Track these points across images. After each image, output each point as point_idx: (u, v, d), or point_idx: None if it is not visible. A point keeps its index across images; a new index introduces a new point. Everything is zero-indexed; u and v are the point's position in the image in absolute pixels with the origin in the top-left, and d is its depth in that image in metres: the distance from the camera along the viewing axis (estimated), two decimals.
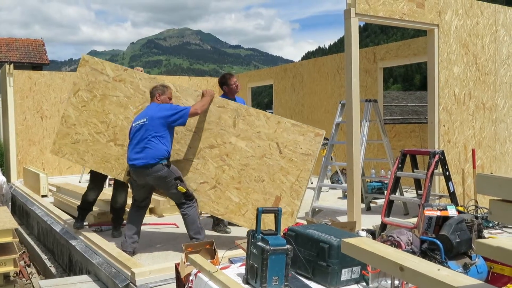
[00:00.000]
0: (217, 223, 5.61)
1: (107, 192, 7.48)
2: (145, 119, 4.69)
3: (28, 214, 8.19)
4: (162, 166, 4.60)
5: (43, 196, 8.42)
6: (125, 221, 5.33)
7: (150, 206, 6.65)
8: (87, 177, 10.28)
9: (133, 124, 4.79)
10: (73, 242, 5.32)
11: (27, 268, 6.56)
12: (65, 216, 6.38)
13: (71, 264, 5.49)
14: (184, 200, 4.73)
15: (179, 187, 4.66)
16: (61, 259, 5.99)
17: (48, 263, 6.21)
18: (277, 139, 4.86)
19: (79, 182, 9.98)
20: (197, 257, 3.40)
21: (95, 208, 6.22)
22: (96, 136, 5.20)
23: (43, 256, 6.52)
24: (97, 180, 5.53)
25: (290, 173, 4.80)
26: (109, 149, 5.17)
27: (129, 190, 5.31)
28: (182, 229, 5.73)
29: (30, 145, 11.33)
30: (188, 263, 3.49)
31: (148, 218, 6.46)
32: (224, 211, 4.91)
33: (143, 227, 5.91)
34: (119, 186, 5.53)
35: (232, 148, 4.92)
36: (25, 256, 7.04)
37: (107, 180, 9.01)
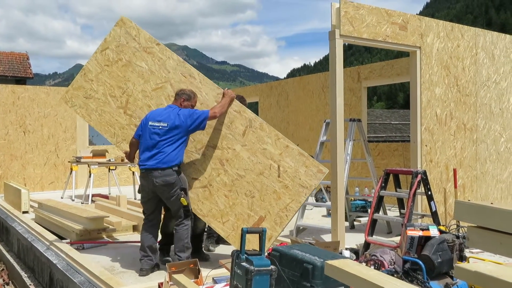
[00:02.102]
0: (207, 237, 5.55)
1: (89, 208, 7.40)
2: (166, 125, 4.62)
3: (8, 230, 8.04)
4: (172, 171, 4.57)
5: (24, 212, 8.28)
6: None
7: (134, 223, 6.62)
8: (69, 193, 10.24)
9: (151, 123, 4.69)
10: (54, 260, 5.24)
11: (5, 286, 6.43)
12: (47, 233, 6.28)
13: (51, 283, 5.39)
14: (181, 215, 4.67)
15: (182, 199, 4.61)
16: (41, 277, 5.88)
17: (28, 281, 6.09)
18: (279, 161, 4.82)
19: (61, 198, 9.86)
20: (181, 277, 3.38)
21: (77, 226, 6.15)
22: (109, 98, 5.22)
23: (22, 274, 6.39)
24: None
25: (281, 199, 4.74)
26: (117, 115, 5.20)
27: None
28: None
29: (12, 160, 11.17)
30: (172, 282, 3.47)
31: (131, 235, 6.41)
32: (206, 213, 4.88)
33: (125, 245, 5.87)
34: (170, 211, 5.09)
35: (234, 156, 4.87)
36: (4, 273, 6.90)
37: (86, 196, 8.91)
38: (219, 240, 5.60)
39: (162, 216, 5.07)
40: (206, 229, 5.41)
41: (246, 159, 4.85)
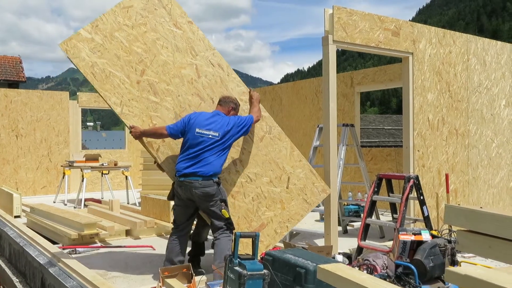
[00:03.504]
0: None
1: (82, 213, 7.37)
2: (217, 135, 4.34)
3: (0, 235, 7.98)
4: (212, 182, 4.31)
5: (16, 216, 8.23)
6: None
7: (126, 227, 6.60)
8: (62, 197, 10.19)
9: (198, 130, 4.34)
10: (46, 265, 5.21)
11: None
12: (39, 238, 6.25)
13: None
14: (222, 226, 4.37)
15: (223, 211, 4.34)
16: (33, 282, 5.83)
17: (19, 286, 6.04)
18: (290, 174, 4.91)
19: (54, 202, 9.81)
20: (174, 281, 3.38)
21: (69, 230, 6.13)
22: (122, 62, 4.56)
23: (14, 279, 6.34)
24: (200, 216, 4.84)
25: (286, 210, 4.84)
26: (129, 84, 4.55)
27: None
28: (159, 251, 5.69)
29: (4, 164, 11.10)
30: (165, 287, 3.47)
31: (124, 240, 6.39)
32: None
33: (118, 249, 5.85)
34: (202, 219, 4.96)
35: (249, 158, 4.82)
36: None
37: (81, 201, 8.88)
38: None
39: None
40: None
41: (260, 164, 4.86)
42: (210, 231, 4.85)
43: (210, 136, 4.33)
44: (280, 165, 4.91)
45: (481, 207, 1.54)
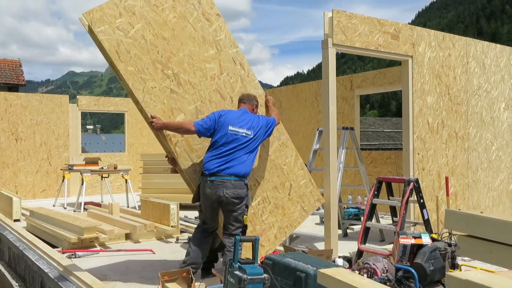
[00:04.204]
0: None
1: (82, 217, 7.36)
2: (250, 133, 4.25)
3: None
4: (243, 184, 4.20)
5: (15, 220, 8.22)
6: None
7: (126, 231, 6.59)
8: (61, 200, 10.18)
9: (231, 128, 4.21)
10: (46, 269, 5.19)
11: None
12: (38, 242, 6.23)
13: None
14: (238, 233, 4.21)
15: (245, 217, 4.24)
16: (32, 286, 5.82)
17: None
18: (293, 181, 4.99)
19: (53, 206, 9.80)
20: (174, 286, 3.37)
21: (69, 234, 6.12)
22: (149, 44, 4.27)
23: (13, 283, 6.32)
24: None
25: (286, 216, 4.91)
26: (153, 70, 4.27)
27: None
28: (159, 255, 5.68)
29: (4, 167, 11.09)
30: None
31: (123, 244, 6.38)
32: None
33: (118, 253, 5.84)
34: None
35: (260, 161, 4.82)
36: None
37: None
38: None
39: None
40: None
41: (268, 169, 4.89)
42: None
43: (244, 134, 4.22)
44: (285, 172, 4.97)
45: (481, 212, 1.54)
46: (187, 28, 4.47)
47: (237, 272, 3.00)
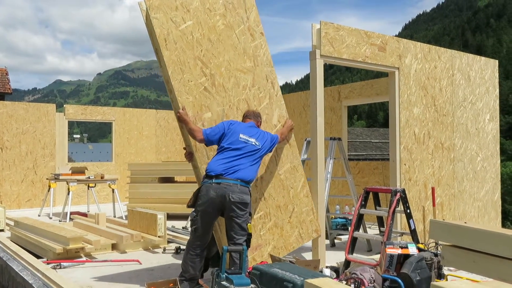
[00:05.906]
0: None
1: (68, 227, 7.27)
2: (258, 144, 4.40)
3: None
4: (248, 190, 4.24)
5: None
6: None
7: (113, 241, 6.52)
8: (47, 210, 10.05)
9: (242, 136, 4.35)
10: (30, 280, 5.11)
11: None
12: (23, 252, 6.14)
13: None
14: (242, 242, 4.14)
15: (249, 225, 4.21)
16: None
17: None
18: (296, 206, 5.08)
19: (39, 215, 9.67)
20: None
21: (54, 244, 6.04)
22: (195, 42, 4.52)
23: None
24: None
25: (283, 238, 4.96)
26: (193, 66, 4.48)
27: None
28: (145, 265, 5.63)
29: None
30: None
31: (110, 254, 6.31)
32: None
33: (104, 263, 5.77)
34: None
35: (269, 178, 4.90)
36: None
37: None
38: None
39: None
40: None
41: (276, 188, 4.95)
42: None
43: (253, 143, 4.37)
44: (291, 195, 5.04)
45: (465, 222, 1.56)
46: (232, 37, 4.78)
47: (224, 283, 2.99)
